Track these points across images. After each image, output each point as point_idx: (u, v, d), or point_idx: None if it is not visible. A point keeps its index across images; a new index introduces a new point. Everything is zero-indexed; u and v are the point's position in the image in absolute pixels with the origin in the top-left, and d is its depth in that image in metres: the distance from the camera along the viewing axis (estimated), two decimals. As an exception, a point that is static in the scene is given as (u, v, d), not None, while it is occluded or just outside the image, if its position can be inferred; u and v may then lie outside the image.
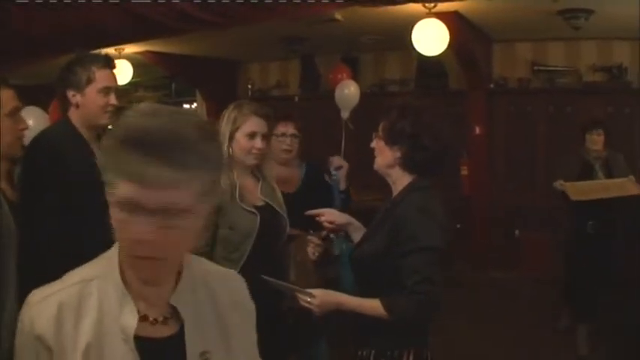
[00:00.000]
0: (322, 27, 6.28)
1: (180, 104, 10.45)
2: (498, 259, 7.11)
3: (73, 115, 2.65)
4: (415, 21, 5.56)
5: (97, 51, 3.07)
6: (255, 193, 2.84)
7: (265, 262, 2.67)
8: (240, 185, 2.77)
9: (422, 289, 2.12)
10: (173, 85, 10.21)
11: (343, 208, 3.18)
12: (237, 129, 2.79)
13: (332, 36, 6.84)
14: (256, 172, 2.90)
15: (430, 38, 5.65)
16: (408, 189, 2.31)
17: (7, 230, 1.99)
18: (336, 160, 3.68)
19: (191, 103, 10.05)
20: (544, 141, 7.12)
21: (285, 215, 2.88)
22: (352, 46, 7.68)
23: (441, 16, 5.59)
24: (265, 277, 2.38)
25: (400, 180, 2.34)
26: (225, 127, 2.79)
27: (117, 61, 7.53)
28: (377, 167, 2.39)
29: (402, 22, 5.61)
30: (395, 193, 2.37)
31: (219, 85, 8.79)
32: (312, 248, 2.84)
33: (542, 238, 6.75)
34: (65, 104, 2.66)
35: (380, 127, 2.36)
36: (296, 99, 8.45)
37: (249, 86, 9.06)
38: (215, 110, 8.79)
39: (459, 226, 7.24)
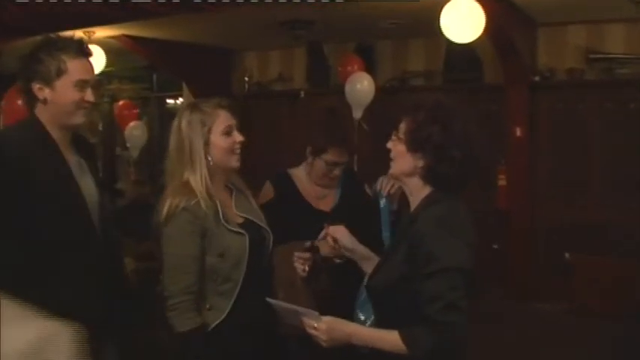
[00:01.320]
0: (335, 8, 6.18)
1: (164, 99, 10.44)
2: (544, 287, 6.96)
3: (41, 113, 2.58)
4: (444, 2, 5.48)
5: (65, 34, 2.91)
6: (232, 209, 2.86)
7: (258, 287, 2.76)
8: (222, 203, 2.79)
9: (445, 319, 2.13)
10: (155, 77, 10.26)
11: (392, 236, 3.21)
12: (209, 131, 2.78)
13: (344, 20, 6.77)
14: (228, 182, 2.93)
15: (462, 22, 5.55)
16: (427, 201, 2.32)
17: None
18: (385, 181, 3.46)
19: (176, 98, 10.09)
20: (599, 145, 6.99)
21: (267, 228, 2.93)
22: (368, 32, 7.63)
23: (474, -5, 5.52)
24: (270, 300, 2.54)
25: (418, 191, 2.35)
26: (191, 135, 2.77)
27: (89, 47, 7.52)
28: (392, 173, 2.42)
29: (429, 3, 5.51)
30: (412, 205, 2.39)
31: (210, 77, 8.73)
32: (301, 264, 2.89)
33: (598, 262, 6.59)
34: (30, 100, 2.58)
35: (401, 127, 2.34)
36: (301, 94, 8.44)
37: (246, 79, 9.06)
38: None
39: (495, 246, 7.22)
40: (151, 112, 10.46)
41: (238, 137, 2.83)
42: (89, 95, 2.59)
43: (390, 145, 2.37)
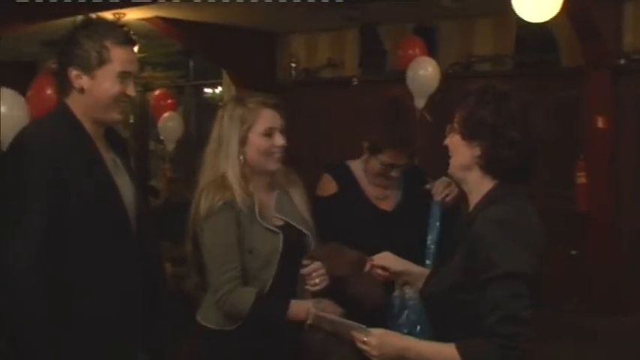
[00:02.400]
0: None
1: (201, 88, 10.53)
2: (629, 298, 6.89)
3: (74, 103, 2.59)
4: None
5: (106, 16, 3.01)
6: (271, 210, 3.01)
7: (288, 290, 2.89)
8: (260, 200, 2.96)
9: (504, 331, 2.13)
10: (191, 63, 10.35)
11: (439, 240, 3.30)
12: (248, 129, 2.91)
13: None
14: (271, 181, 3.07)
15: None
16: (488, 199, 2.34)
17: None
18: (442, 186, 3.45)
19: (215, 87, 10.28)
20: None
21: (309, 234, 3.04)
22: (429, 11, 7.66)
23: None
24: (318, 312, 2.66)
25: (478, 187, 2.38)
26: (230, 130, 2.92)
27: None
28: (451, 171, 2.45)
29: None
30: (471, 205, 2.41)
31: (253, 63, 8.84)
32: (311, 280, 2.96)
33: None
34: (64, 87, 2.60)
35: (456, 118, 2.40)
36: (354, 82, 8.46)
37: (293, 65, 9.10)
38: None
39: (573, 252, 7.20)
40: (187, 102, 10.62)
41: (279, 141, 2.94)
42: (131, 89, 2.60)
43: (447, 141, 2.42)
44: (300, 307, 2.82)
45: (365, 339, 2.32)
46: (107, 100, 2.55)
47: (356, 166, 3.49)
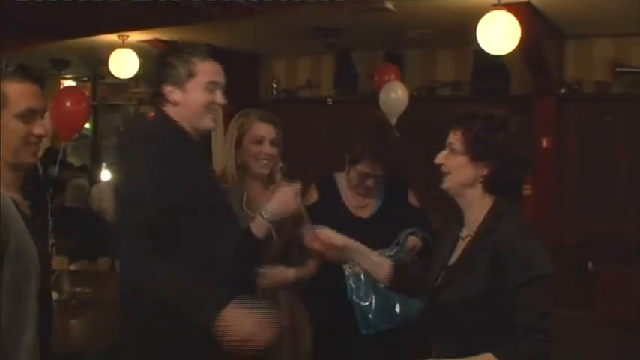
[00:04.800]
0: (366, 18, 6.43)
1: None
2: (567, 296, 6.89)
3: (174, 114, 2.68)
4: (476, 13, 5.68)
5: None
6: (259, 205, 3.11)
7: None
8: (250, 194, 3.20)
9: (543, 326, 2.17)
10: None
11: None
12: (243, 134, 3.23)
13: (375, 28, 7.02)
14: (269, 185, 3.28)
15: (499, 35, 5.74)
16: (495, 212, 2.36)
17: (27, 253, 2.00)
18: (413, 241, 3.55)
19: None
20: (626, 157, 7.22)
21: (273, 234, 3.07)
22: (397, 41, 7.87)
23: (510, 7, 5.69)
24: None
25: (479, 203, 2.39)
26: (231, 133, 3.24)
27: (121, 51, 7.78)
28: (450, 187, 2.42)
29: (460, 14, 5.77)
30: (469, 217, 2.42)
31: (238, 82, 8.72)
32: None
33: (621, 272, 6.77)
34: (160, 102, 2.71)
35: (456, 139, 2.39)
36: (329, 101, 8.63)
37: (274, 85, 9.27)
38: (233, 112, 8.93)
39: None
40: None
41: (266, 149, 3.21)
42: (219, 97, 2.68)
43: (441, 159, 2.42)
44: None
45: None
46: (199, 108, 2.64)
47: (340, 178, 3.65)
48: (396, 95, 6.87)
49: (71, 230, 6.80)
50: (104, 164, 11.12)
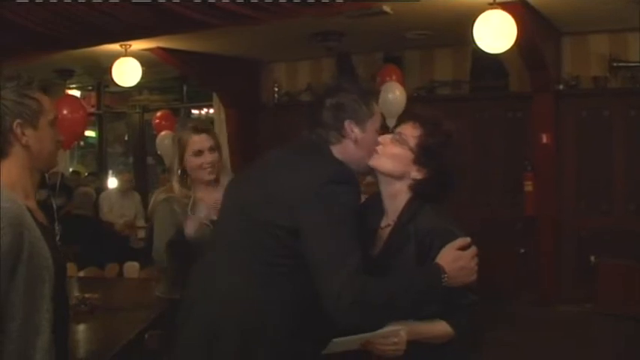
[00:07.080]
0: (365, 21, 6.43)
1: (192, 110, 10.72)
2: (569, 291, 7.19)
3: (344, 151, 2.47)
4: (473, 12, 5.67)
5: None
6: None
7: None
8: (199, 198, 3.41)
9: (469, 292, 2.34)
10: (185, 88, 10.36)
11: None
12: (184, 150, 3.46)
13: (374, 31, 7.03)
14: (217, 186, 3.45)
15: (495, 33, 5.73)
16: (414, 205, 2.39)
17: (42, 259, 2.02)
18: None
19: (206, 108, 10.21)
20: (624, 151, 7.21)
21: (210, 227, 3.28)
22: (396, 43, 7.87)
23: (505, 6, 5.68)
24: (336, 340, 2.25)
25: (401, 195, 2.42)
26: (173, 150, 3.47)
27: (124, 60, 7.74)
28: (385, 168, 2.42)
29: (457, 14, 5.74)
30: (391, 207, 2.44)
31: (240, 88, 8.99)
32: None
33: (622, 266, 6.75)
34: (336, 137, 2.48)
35: (411, 135, 2.40)
36: None
37: (276, 89, 9.29)
38: (235, 117, 9.06)
39: (522, 251, 7.45)
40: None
41: (208, 158, 3.43)
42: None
43: (387, 141, 2.42)
44: None
45: (396, 340, 2.25)
46: (372, 148, 2.47)
47: None
48: (393, 96, 6.84)
49: (79, 237, 6.78)
50: (110, 172, 11.12)
